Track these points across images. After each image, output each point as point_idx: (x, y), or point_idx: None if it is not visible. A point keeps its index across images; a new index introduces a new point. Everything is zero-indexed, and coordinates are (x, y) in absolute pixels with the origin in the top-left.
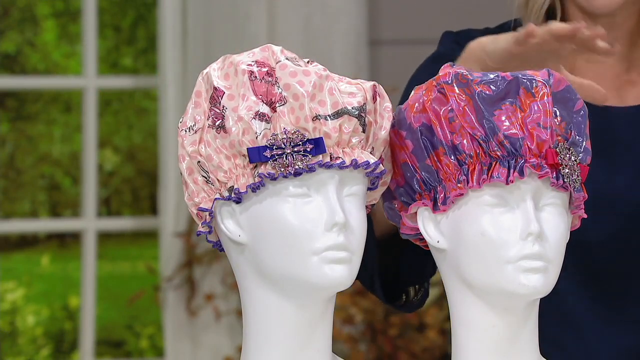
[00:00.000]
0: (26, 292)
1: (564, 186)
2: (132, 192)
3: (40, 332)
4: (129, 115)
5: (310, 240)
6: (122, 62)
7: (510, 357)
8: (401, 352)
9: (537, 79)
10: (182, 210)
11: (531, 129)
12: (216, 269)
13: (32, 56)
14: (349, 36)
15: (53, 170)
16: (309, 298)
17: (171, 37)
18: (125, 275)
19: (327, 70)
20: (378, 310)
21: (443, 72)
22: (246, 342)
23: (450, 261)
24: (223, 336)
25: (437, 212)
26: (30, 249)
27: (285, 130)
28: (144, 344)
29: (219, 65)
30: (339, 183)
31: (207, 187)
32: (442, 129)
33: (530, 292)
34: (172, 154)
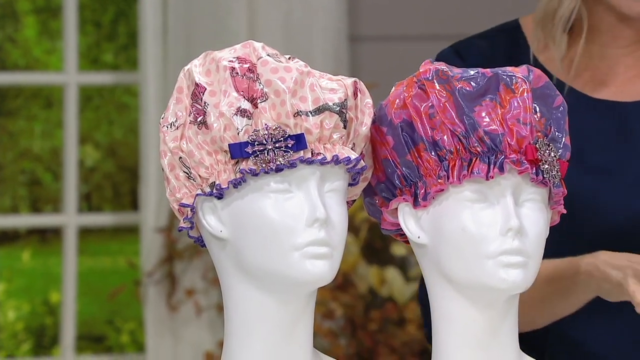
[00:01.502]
0: (7, 287)
1: (544, 182)
2: (113, 188)
3: (21, 327)
4: (109, 111)
5: (292, 236)
6: (102, 58)
7: (490, 351)
8: (381, 346)
9: (516, 76)
10: (162, 206)
11: (511, 125)
12: (197, 264)
13: (12, 52)
14: (329, 32)
15: (34, 165)
16: (290, 293)
17: (152, 33)
18: (106, 271)
19: (308, 66)
20: (358, 305)
21: (423, 69)
22: (228, 337)
23: (431, 257)
24: (204, 331)
25: (418, 207)
26: (11, 245)
27: (267, 126)
28: (125, 339)
29: (201, 61)
30: (320, 179)
31: (188, 183)
32: (422, 125)
33: (510, 287)
34: (153, 149)
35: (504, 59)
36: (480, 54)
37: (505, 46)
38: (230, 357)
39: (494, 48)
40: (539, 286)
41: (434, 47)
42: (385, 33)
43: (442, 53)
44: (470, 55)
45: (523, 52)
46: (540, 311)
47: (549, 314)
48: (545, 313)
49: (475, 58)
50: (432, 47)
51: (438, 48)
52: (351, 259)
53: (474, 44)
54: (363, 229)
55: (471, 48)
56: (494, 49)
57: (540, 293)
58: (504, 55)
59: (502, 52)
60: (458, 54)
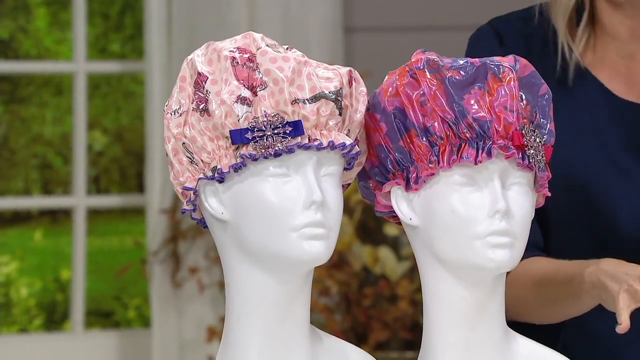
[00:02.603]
0: (20, 266)
1: (529, 166)
2: (120, 171)
3: (33, 303)
4: (117, 98)
5: (290, 218)
6: (110, 48)
7: (478, 328)
8: (374, 321)
9: (504, 65)
10: (167, 188)
11: (498, 112)
12: (200, 244)
13: (24, 42)
14: (325, 24)
15: (45, 150)
16: (288, 272)
17: (157, 25)
18: (114, 250)
19: (305, 56)
20: (353, 283)
21: (415, 58)
22: (229, 314)
23: (422, 238)
24: (206, 307)
25: (410, 191)
26: (24, 225)
27: (266, 113)
28: (132, 315)
29: (203, 51)
30: (317, 163)
31: (191, 167)
32: (414, 112)
33: (498, 267)
34: (158, 135)
35: (540, 42)
36: (519, 34)
37: (540, 29)
38: (232, 333)
39: (532, 29)
40: (551, 288)
41: (425, 37)
42: (378, 24)
43: (481, 30)
44: (510, 35)
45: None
46: (554, 310)
47: (564, 314)
48: (560, 312)
49: (513, 38)
50: (424, 38)
51: (429, 38)
52: (346, 239)
53: (512, 24)
54: (357, 210)
55: (510, 28)
56: (532, 31)
57: (552, 295)
58: (540, 38)
59: (539, 35)
60: (497, 33)
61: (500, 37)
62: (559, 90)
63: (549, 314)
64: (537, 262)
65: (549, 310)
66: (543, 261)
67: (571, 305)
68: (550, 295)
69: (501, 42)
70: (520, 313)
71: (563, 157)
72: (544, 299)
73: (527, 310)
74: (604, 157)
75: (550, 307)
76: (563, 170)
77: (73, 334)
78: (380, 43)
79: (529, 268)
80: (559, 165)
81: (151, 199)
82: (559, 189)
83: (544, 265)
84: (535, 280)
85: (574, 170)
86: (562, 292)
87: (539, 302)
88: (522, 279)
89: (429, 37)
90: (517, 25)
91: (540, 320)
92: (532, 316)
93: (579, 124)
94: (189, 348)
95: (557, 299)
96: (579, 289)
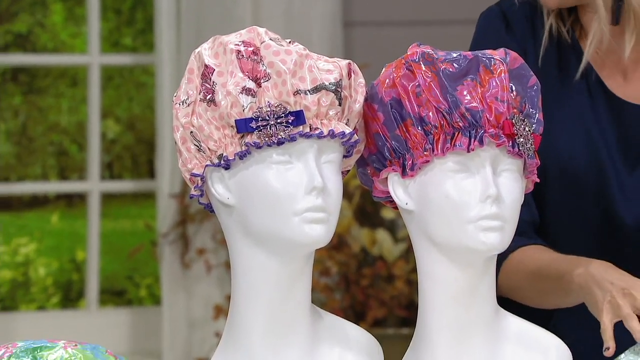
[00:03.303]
0: (38, 247)
1: (519, 154)
2: (132, 158)
3: (50, 282)
4: (129, 89)
5: (292, 203)
6: (122, 42)
7: (470, 307)
8: (372, 300)
9: (495, 58)
10: (176, 174)
11: (490, 102)
12: (207, 227)
13: (42, 36)
14: (325, 19)
15: (61, 138)
16: (290, 254)
17: (166, 19)
18: (126, 232)
19: (307, 49)
20: (351, 263)
21: (411, 51)
22: (234, 293)
23: (418, 222)
24: (213, 286)
25: (406, 177)
26: (41, 208)
27: (269, 103)
28: (143, 293)
29: (210, 45)
30: (318, 151)
31: (199, 155)
32: (410, 103)
33: (489, 249)
34: (167, 124)
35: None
36: (526, 18)
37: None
38: (237, 311)
39: (538, 14)
40: (543, 281)
41: (420, 31)
42: (376, 19)
43: (490, 10)
44: (517, 20)
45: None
46: (547, 300)
47: (555, 304)
48: (552, 303)
49: (520, 23)
50: (419, 32)
51: (424, 33)
52: (345, 222)
53: (520, 7)
54: (356, 195)
55: (517, 11)
56: (537, 16)
57: (544, 287)
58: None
59: (542, 22)
60: (503, 15)
61: (507, 21)
62: (558, 78)
63: (542, 302)
64: (532, 254)
65: (542, 299)
66: (537, 253)
67: (561, 298)
68: (542, 288)
69: (507, 25)
70: (516, 299)
71: (560, 145)
72: (537, 289)
73: (523, 297)
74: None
75: (543, 297)
76: (560, 156)
77: (88, 311)
78: (377, 37)
79: (524, 259)
80: (555, 151)
81: (161, 184)
82: (555, 174)
83: (538, 257)
84: (529, 272)
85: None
86: (553, 287)
87: (533, 292)
88: (518, 270)
89: (424, 32)
90: (524, 9)
91: (534, 306)
92: (527, 302)
93: (576, 114)
94: (197, 325)
95: (548, 292)
96: (568, 287)
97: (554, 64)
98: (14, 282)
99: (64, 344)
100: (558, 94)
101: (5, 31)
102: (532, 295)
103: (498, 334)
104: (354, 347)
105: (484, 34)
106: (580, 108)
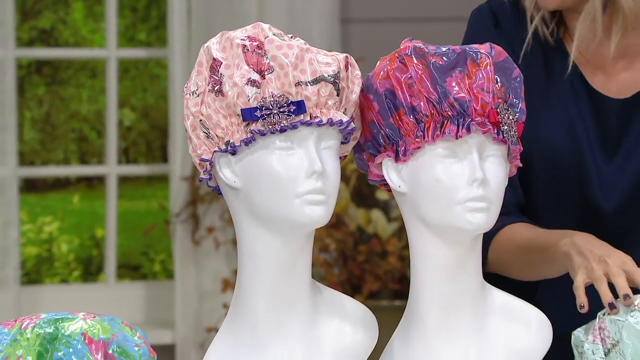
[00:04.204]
0: (60, 225)
1: (504, 140)
2: (147, 144)
3: (72, 258)
4: (143, 80)
5: (294, 186)
6: (137, 37)
7: (458, 282)
8: (367, 274)
9: (481, 52)
10: (187, 159)
11: (476, 93)
12: (215, 207)
13: (64, 32)
14: (324, 16)
15: (82, 125)
16: (292, 234)
17: (178, 16)
18: (141, 212)
19: (307, 44)
20: (349, 241)
21: (403, 46)
22: (240, 268)
23: (410, 203)
24: (221, 262)
25: (399, 162)
26: (64, 190)
27: (273, 94)
28: (157, 268)
29: (218, 40)
30: (317, 138)
31: (207, 142)
32: (402, 93)
33: (476, 228)
34: (179, 112)
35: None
36: (514, 17)
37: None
38: (243, 286)
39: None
40: (531, 253)
41: (412, 27)
42: (371, 16)
43: (480, 8)
44: (506, 19)
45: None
46: (533, 272)
47: (541, 275)
48: (538, 274)
49: (509, 22)
50: (411, 28)
51: (415, 29)
52: (343, 203)
53: (508, 7)
54: (353, 178)
55: (506, 10)
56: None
57: (532, 259)
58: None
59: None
60: (493, 13)
61: (496, 19)
62: (543, 73)
63: (530, 273)
64: (519, 230)
65: (530, 270)
66: (524, 229)
67: (547, 268)
68: (529, 260)
69: (497, 23)
70: (505, 273)
71: (545, 135)
72: (525, 262)
73: (511, 271)
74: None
75: (530, 269)
76: (545, 146)
77: (106, 284)
78: (372, 33)
79: (512, 235)
80: (541, 141)
81: (173, 168)
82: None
83: (525, 233)
84: (518, 246)
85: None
86: (539, 258)
87: (521, 264)
88: (507, 245)
89: (415, 28)
90: (512, 8)
91: (521, 278)
92: (515, 275)
93: (560, 108)
94: (206, 297)
95: (535, 263)
96: (554, 257)
97: (540, 60)
98: (38, 258)
99: (84, 315)
100: (544, 89)
101: (31, 27)
102: (520, 267)
103: (484, 306)
104: (351, 318)
105: (474, 31)
106: (563, 102)
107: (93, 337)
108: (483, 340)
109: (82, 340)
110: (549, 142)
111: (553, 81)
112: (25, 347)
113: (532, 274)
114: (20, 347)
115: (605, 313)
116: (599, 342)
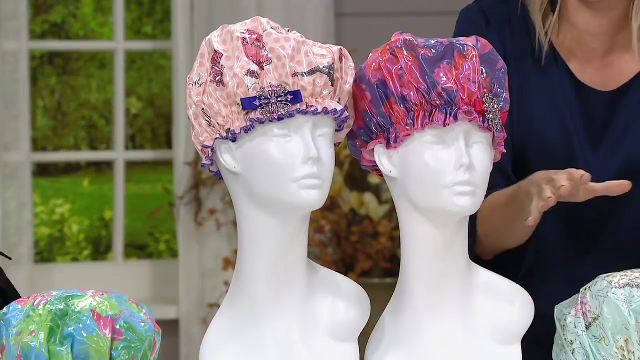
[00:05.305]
0: (71, 207)
1: (489, 128)
2: (152, 131)
3: (82, 238)
4: (149, 71)
5: (291, 171)
6: (144, 30)
7: (446, 261)
8: (360, 254)
9: (468, 44)
10: (191, 145)
11: (463, 83)
12: (217, 191)
13: (74, 25)
14: (319, 10)
15: (91, 113)
16: (289, 216)
17: (182, 11)
18: (147, 195)
19: (304, 37)
20: (342, 222)
21: (394, 39)
22: (241, 249)
23: (401, 187)
24: (223, 242)
25: (390, 148)
26: (74, 174)
27: (271, 84)
28: (162, 247)
29: (219, 33)
30: (313, 126)
31: (209, 129)
32: (393, 83)
33: (462, 211)
34: (183, 101)
35: (519, 24)
36: (503, 16)
37: (522, 12)
38: (243, 265)
39: (512, 11)
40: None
41: (403, 21)
42: (364, 11)
43: (470, 8)
44: (496, 17)
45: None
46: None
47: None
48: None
49: (499, 21)
50: (402, 22)
51: (406, 22)
52: (337, 187)
53: (497, 6)
54: (346, 163)
55: (496, 9)
56: (512, 12)
57: (509, 213)
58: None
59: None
60: (483, 13)
61: (486, 18)
62: (534, 70)
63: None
64: (495, 195)
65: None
66: (498, 193)
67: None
68: (507, 214)
69: (487, 22)
70: (501, 241)
71: (536, 126)
72: (505, 218)
73: (499, 235)
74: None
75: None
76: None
77: (115, 263)
78: (365, 26)
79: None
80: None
81: (177, 153)
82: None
83: (499, 194)
84: (496, 207)
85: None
86: (514, 209)
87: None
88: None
89: (406, 22)
90: (501, 7)
91: (510, 242)
92: (505, 241)
93: (550, 100)
94: (208, 275)
95: (512, 216)
96: (520, 200)
97: (529, 56)
98: (51, 238)
99: (93, 293)
100: (534, 83)
101: (43, 21)
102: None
103: (470, 284)
104: (345, 295)
105: (464, 29)
106: (553, 94)
107: (102, 313)
108: (469, 316)
109: (91, 316)
110: (542, 135)
111: (543, 74)
112: (37, 323)
113: (515, 232)
114: (33, 323)
115: (587, 288)
116: (581, 316)
